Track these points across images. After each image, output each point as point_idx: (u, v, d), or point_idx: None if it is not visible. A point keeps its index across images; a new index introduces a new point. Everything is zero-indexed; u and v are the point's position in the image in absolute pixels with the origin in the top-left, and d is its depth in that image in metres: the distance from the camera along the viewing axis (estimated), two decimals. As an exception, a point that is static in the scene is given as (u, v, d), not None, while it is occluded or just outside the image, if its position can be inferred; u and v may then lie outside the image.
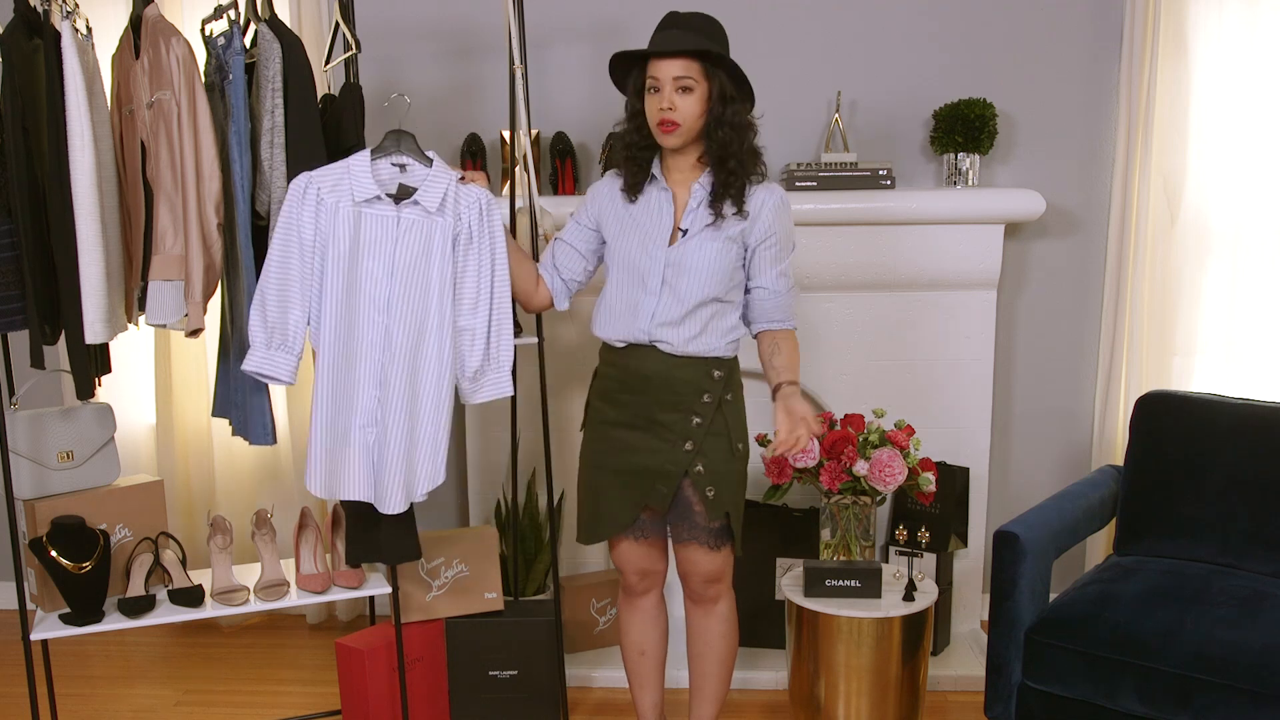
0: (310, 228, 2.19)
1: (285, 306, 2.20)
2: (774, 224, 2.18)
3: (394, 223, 2.21)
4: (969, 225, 2.98)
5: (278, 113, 2.24)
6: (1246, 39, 2.96)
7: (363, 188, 2.19)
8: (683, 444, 2.19)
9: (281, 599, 2.48)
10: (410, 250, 2.21)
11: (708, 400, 2.19)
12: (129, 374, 3.30)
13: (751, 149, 2.16)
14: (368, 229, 2.20)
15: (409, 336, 2.21)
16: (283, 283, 2.19)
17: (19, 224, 2.19)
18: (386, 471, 2.24)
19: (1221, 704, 2.08)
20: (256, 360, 2.21)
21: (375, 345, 2.21)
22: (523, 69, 2.58)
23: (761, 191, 2.18)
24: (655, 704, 2.47)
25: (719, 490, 2.20)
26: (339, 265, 2.20)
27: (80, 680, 3.07)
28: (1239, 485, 2.48)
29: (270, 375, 2.22)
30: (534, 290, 2.35)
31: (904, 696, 2.53)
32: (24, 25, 2.18)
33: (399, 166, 2.24)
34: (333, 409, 2.23)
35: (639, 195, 2.23)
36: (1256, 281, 3.04)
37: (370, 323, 2.21)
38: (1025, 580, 2.32)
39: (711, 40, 2.10)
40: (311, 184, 2.19)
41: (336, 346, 2.22)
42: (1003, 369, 3.26)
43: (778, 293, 2.23)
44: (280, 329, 2.20)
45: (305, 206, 2.19)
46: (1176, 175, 3.04)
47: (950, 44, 3.13)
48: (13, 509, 2.35)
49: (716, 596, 2.32)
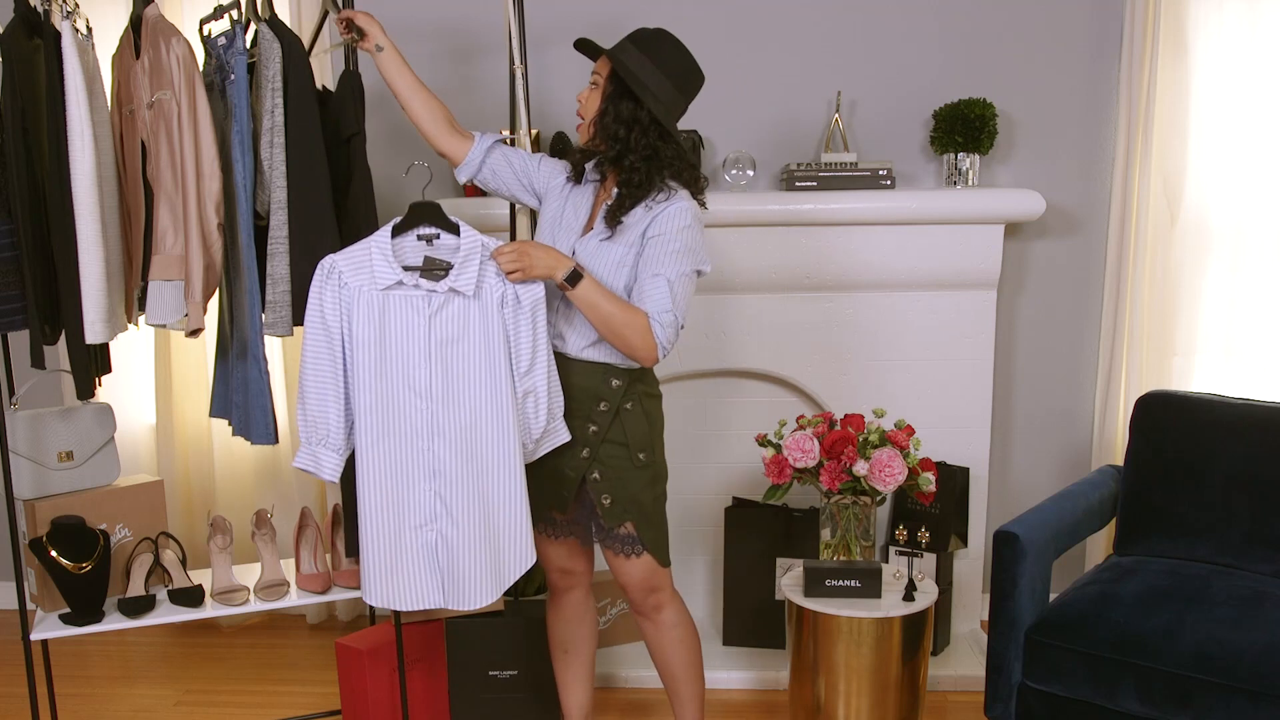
0: (335, 314, 2.07)
1: (323, 401, 2.08)
2: (662, 229, 2.07)
3: (424, 302, 2.06)
4: (969, 225, 2.98)
5: (277, 112, 2.24)
6: (1246, 39, 2.96)
7: (383, 273, 2.05)
8: (580, 450, 2.19)
9: (281, 599, 2.48)
10: (447, 329, 2.07)
11: (604, 409, 2.17)
12: (129, 374, 3.30)
13: (640, 160, 2.08)
14: (395, 314, 2.06)
15: (461, 419, 2.08)
16: (317, 376, 2.08)
17: (19, 224, 2.19)
18: (463, 567, 2.10)
19: (1221, 704, 2.08)
20: (304, 457, 2.11)
21: (421, 434, 2.07)
22: (523, 69, 2.58)
23: (668, 203, 2.09)
24: (582, 705, 2.47)
25: (615, 498, 2.19)
26: (367, 354, 2.06)
27: (80, 680, 3.07)
28: (1239, 485, 2.48)
29: (314, 473, 2.11)
30: (448, 125, 2.28)
31: (904, 696, 2.53)
32: (24, 25, 2.18)
33: (425, 239, 2.11)
34: (381, 512, 2.08)
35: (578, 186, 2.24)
36: (1256, 281, 3.04)
37: (413, 410, 2.07)
38: (1025, 580, 2.32)
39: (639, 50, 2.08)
40: (335, 267, 2.07)
41: (376, 442, 2.07)
42: (1003, 369, 3.26)
43: (643, 287, 2.08)
44: (320, 424, 2.09)
45: (327, 291, 2.06)
46: (1176, 175, 3.05)
47: (950, 44, 3.13)
48: (13, 509, 2.35)
49: (658, 605, 2.29)
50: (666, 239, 2.07)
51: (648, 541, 2.22)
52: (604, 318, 2.05)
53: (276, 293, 2.26)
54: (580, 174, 2.23)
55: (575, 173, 2.24)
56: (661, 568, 2.26)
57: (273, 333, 2.28)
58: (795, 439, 2.62)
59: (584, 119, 2.16)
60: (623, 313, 2.05)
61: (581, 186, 2.24)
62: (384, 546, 2.09)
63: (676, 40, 2.12)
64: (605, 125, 2.10)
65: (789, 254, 3.00)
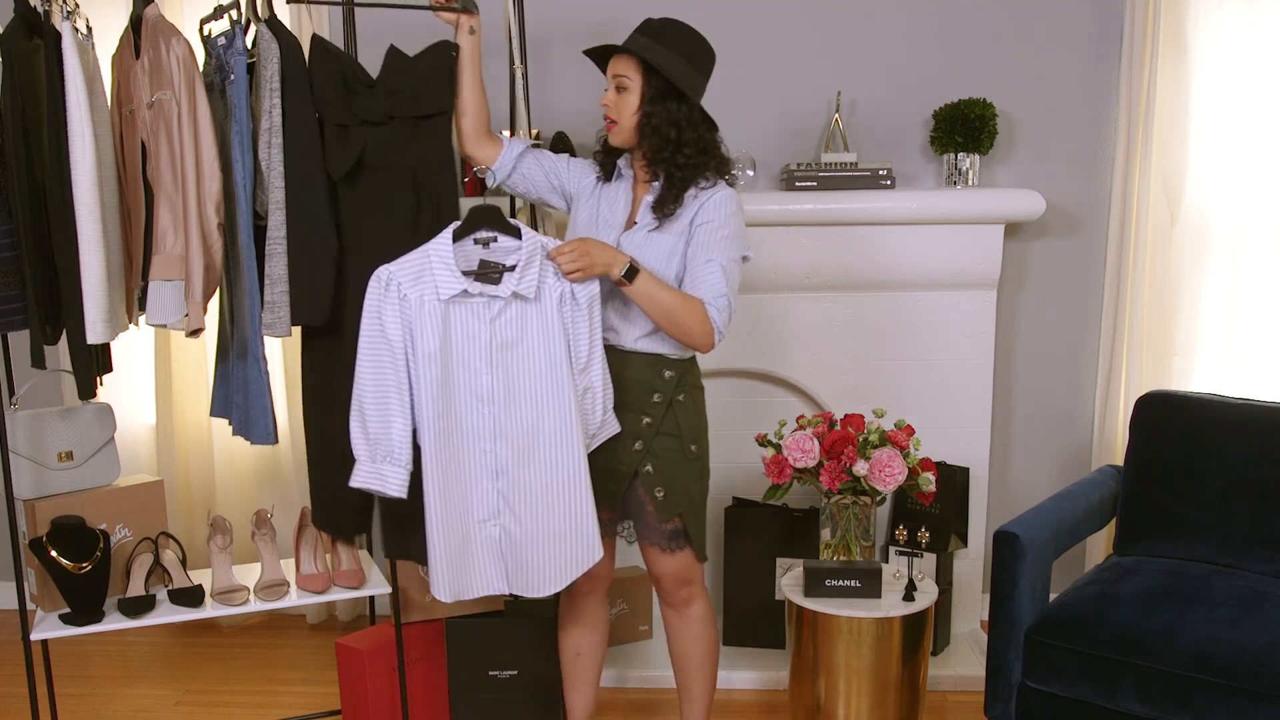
0: (396, 329, 2.04)
1: (386, 416, 2.06)
2: (712, 216, 2.11)
3: (485, 307, 2.07)
4: (969, 225, 2.98)
5: (275, 113, 2.24)
6: (1246, 39, 2.96)
7: (446, 283, 2.04)
8: (632, 443, 2.20)
9: (281, 599, 2.48)
10: (507, 332, 2.07)
11: (658, 400, 2.19)
12: (129, 374, 3.30)
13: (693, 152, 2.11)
14: (458, 323, 2.06)
15: (523, 420, 2.08)
16: (379, 391, 2.05)
17: (19, 224, 2.19)
18: (527, 556, 2.11)
19: (1221, 704, 2.08)
20: (364, 475, 2.07)
21: (484, 436, 2.09)
22: (523, 69, 2.58)
23: (713, 191, 2.14)
24: (586, 706, 2.48)
25: (669, 491, 2.20)
26: (430, 365, 2.05)
27: (80, 680, 3.07)
28: (1239, 485, 2.48)
29: (380, 490, 2.08)
30: (485, 131, 2.29)
31: (904, 696, 2.53)
32: (24, 25, 2.18)
33: (482, 243, 2.09)
34: (447, 512, 2.09)
35: (609, 184, 2.25)
36: (1256, 281, 3.04)
37: (476, 415, 2.08)
38: (1025, 580, 2.32)
39: (662, 44, 2.08)
40: (393, 280, 2.04)
41: (440, 448, 2.07)
42: (1003, 369, 3.26)
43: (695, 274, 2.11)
44: (384, 440, 2.06)
45: (388, 305, 2.04)
46: (1176, 175, 3.05)
47: (950, 44, 3.13)
48: (13, 509, 2.35)
49: (688, 599, 2.32)
50: (715, 225, 2.10)
51: (694, 536, 2.24)
52: (662, 308, 2.07)
53: (275, 293, 2.26)
54: (611, 171, 2.25)
55: (606, 171, 2.26)
56: (698, 562, 2.28)
57: (271, 333, 2.28)
58: (795, 439, 2.62)
59: (616, 122, 2.14)
60: (680, 301, 2.07)
61: (613, 184, 2.25)
62: (451, 544, 2.08)
63: (682, 23, 2.13)
64: (654, 127, 2.10)
65: (789, 254, 3.00)
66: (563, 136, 3.12)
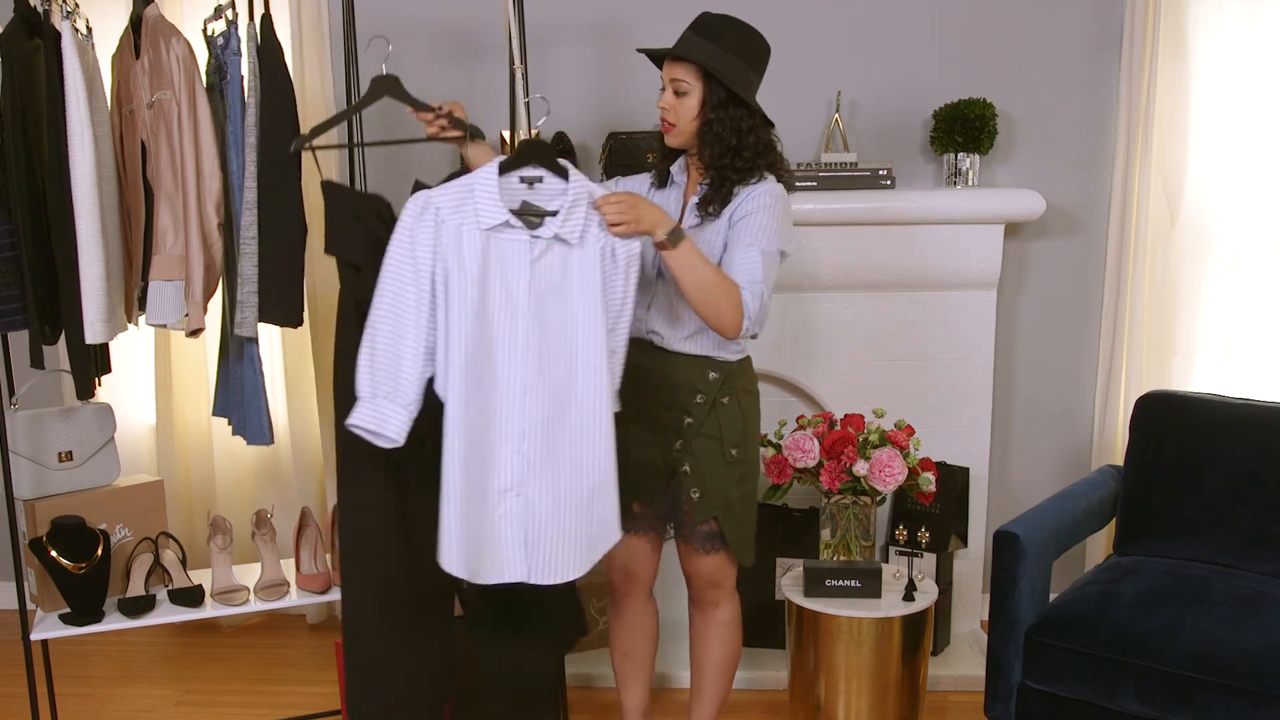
0: (426, 253, 1.87)
1: (397, 347, 1.87)
2: (755, 206, 2.10)
3: (527, 248, 1.91)
4: (969, 225, 2.98)
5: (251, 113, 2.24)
6: (1246, 39, 2.96)
7: (489, 212, 1.89)
8: (674, 441, 2.20)
9: (281, 599, 2.48)
10: (547, 278, 1.92)
11: (700, 401, 2.19)
12: (129, 374, 3.30)
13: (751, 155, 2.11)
14: (497, 258, 1.90)
15: (555, 374, 1.93)
16: (396, 318, 1.87)
17: (19, 224, 2.19)
18: (549, 536, 1.94)
19: (1221, 704, 2.08)
20: (362, 414, 1.87)
21: (514, 392, 1.91)
22: (523, 69, 2.57)
23: (759, 184, 2.14)
24: (640, 702, 2.48)
25: (704, 493, 2.20)
26: (465, 301, 1.87)
27: (80, 680, 3.07)
28: (1239, 485, 2.48)
29: (377, 431, 1.88)
30: None
31: (904, 696, 2.53)
32: (24, 25, 2.18)
33: (528, 181, 1.93)
34: (466, 471, 1.89)
35: (661, 189, 2.25)
36: (1256, 281, 3.04)
37: (507, 364, 1.90)
38: (1025, 580, 2.32)
39: (722, 47, 2.07)
40: (430, 204, 1.88)
41: (469, 397, 1.88)
42: (1003, 369, 3.26)
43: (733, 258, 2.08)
44: (389, 374, 1.87)
45: (422, 229, 1.86)
46: (1176, 175, 3.05)
47: (950, 44, 3.13)
48: (13, 509, 2.35)
49: (716, 601, 2.32)
50: (758, 215, 2.08)
51: (730, 539, 2.24)
52: (699, 281, 2.00)
53: (244, 293, 2.26)
54: (665, 178, 2.24)
55: (660, 177, 2.25)
56: (732, 565, 2.28)
57: (240, 332, 2.28)
58: (795, 439, 2.62)
59: (674, 125, 2.13)
60: (717, 278, 2.02)
61: (665, 189, 2.24)
62: (467, 510, 1.90)
63: (737, 20, 2.12)
64: (717, 134, 2.09)
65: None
66: (563, 136, 3.12)
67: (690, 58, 2.06)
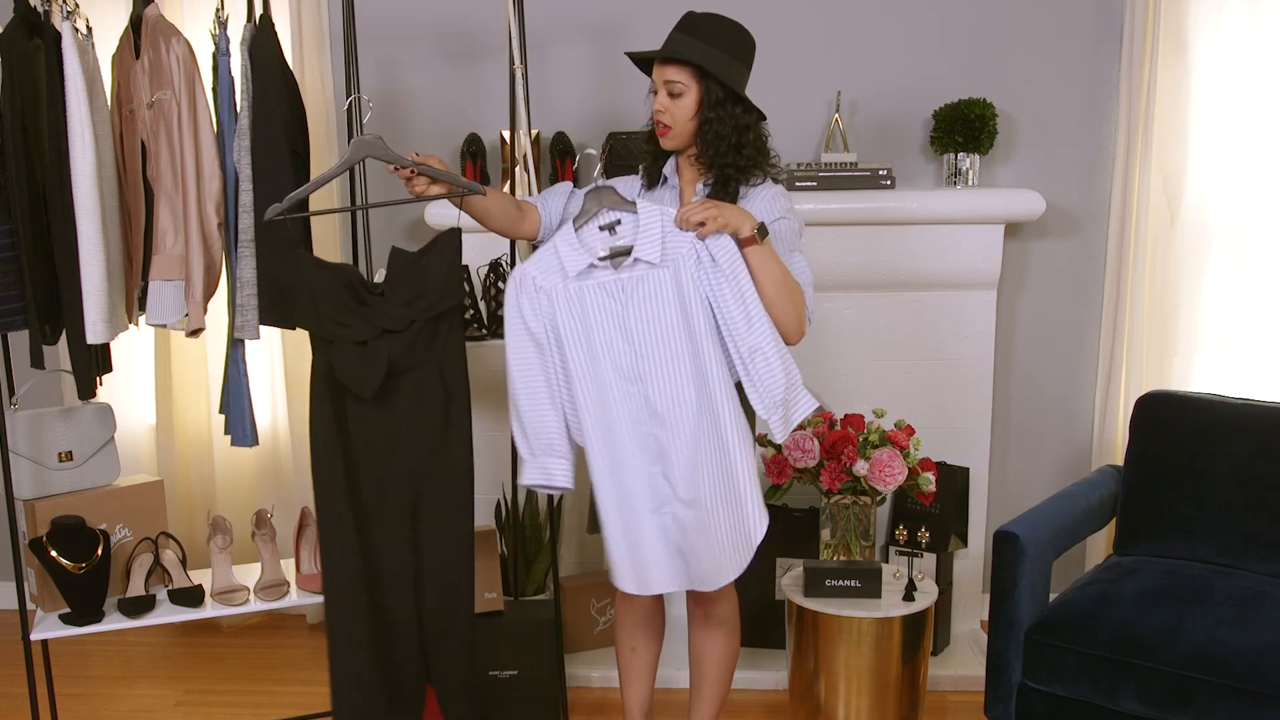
0: (537, 321, 2.07)
1: (540, 412, 2.08)
2: (767, 210, 2.11)
3: (617, 286, 2.06)
4: (969, 225, 2.98)
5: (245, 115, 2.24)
6: (1246, 39, 2.96)
7: (573, 261, 2.05)
8: None
9: (281, 599, 2.48)
10: (644, 308, 2.05)
11: None
12: (129, 374, 3.30)
13: (752, 152, 2.12)
14: (592, 302, 2.06)
15: (672, 396, 2.05)
16: (530, 387, 2.08)
17: (19, 224, 2.19)
18: (701, 548, 2.07)
19: (1221, 704, 2.08)
20: (530, 474, 2.11)
21: (639, 419, 2.07)
22: (523, 69, 2.58)
23: (761, 189, 2.15)
24: (643, 702, 2.47)
25: None
26: (578, 350, 2.07)
27: (80, 680, 3.07)
28: (1239, 485, 2.48)
29: (548, 485, 2.11)
30: (520, 216, 2.24)
31: (904, 696, 2.53)
32: (24, 25, 2.18)
33: (607, 228, 2.07)
34: (618, 502, 2.09)
35: (652, 190, 2.24)
36: (1256, 281, 3.04)
37: (625, 396, 2.06)
38: (1025, 580, 2.32)
39: (713, 45, 2.07)
40: (527, 274, 2.07)
41: (601, 435, 2.07)
42: (1003, 369, 3.26)
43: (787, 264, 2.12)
44: (542, 435, 2.08)
45: (524, 299, 2.07)
46: (1176, 175, 3.04)
47: (950, 44, 3.13)
48: (13, 509, 2.35)
49: (716, 600, 2.32)
50: (788, 221, 2.13)
51: None
52: (780, 278, 2.05)
53: (244, 296, 2.26)
54: (656, 178, 2.24)
55: (650, 178, 2.24)
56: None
57: (242, 335, 2.28)
58: (795, 439, 2.62)
59: (670, 127, 2.12)
60: (790, 278, 2.07)
61: (657, 191, 2.24)
62: (626, 535, 2.09)
63: (723, 17, 2.12)
64: (718, 133, 2.09)
65: (789, 254, 3.00)
66: (562, 136, 3.12)
67: (688, 59, 2.06)
